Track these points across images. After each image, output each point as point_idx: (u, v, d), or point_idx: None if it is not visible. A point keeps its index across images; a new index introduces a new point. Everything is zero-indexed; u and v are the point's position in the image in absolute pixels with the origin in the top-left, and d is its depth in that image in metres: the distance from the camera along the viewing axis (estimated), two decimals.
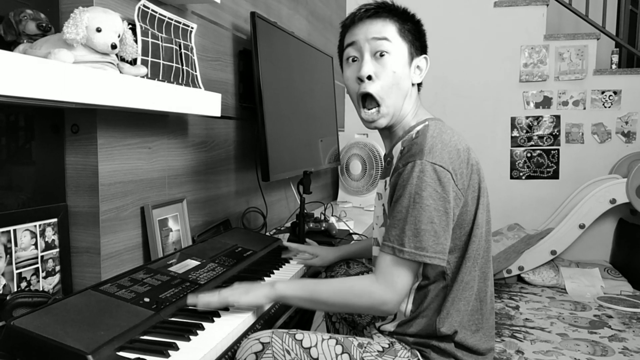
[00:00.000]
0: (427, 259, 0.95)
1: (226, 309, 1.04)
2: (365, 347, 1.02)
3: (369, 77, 1.06)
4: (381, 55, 1.06)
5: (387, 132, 1.16)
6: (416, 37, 1.11)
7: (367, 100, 1.09)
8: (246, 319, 1.03)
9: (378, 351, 1.02)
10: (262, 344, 0.97)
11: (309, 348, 0.99)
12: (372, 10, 1.08)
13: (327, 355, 0.99)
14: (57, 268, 1.16)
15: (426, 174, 0.96)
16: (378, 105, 1.08)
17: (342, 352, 1.00)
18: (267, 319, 1.10)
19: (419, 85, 1.17)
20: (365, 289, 1.00)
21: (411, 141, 1.03)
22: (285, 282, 1.09)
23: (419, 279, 1.05)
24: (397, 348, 1.04)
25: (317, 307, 1.14)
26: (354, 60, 1.10)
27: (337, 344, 1.01)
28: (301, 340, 0.99)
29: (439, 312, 1.04)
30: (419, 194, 0.96)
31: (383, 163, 1.20)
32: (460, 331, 1.04)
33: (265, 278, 1.29)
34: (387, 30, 1.06)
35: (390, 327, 1.10)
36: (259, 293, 1.05)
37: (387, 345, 1.04)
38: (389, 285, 0.98)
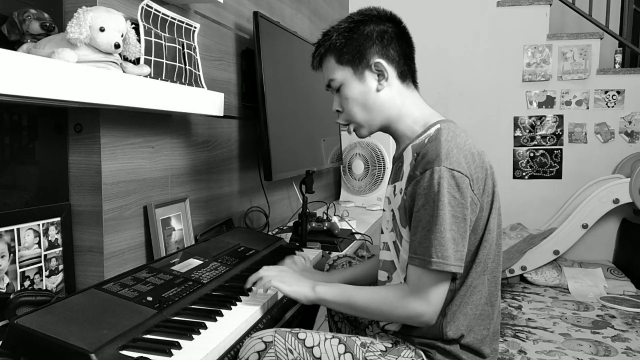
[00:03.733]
0: (452, 268, 0.94)
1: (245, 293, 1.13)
2: (368, 347, 1.02)
3: (338, 111, 1.17)
4: (338, 90, 1.14)
5: (393, 134, 1.15)
6: (355, 50, 1.09)
7: (343, 125, 1.20)
8: (249, 318, 1.03)
9: (381, 351, 1.02)
10: (265, 343, 0.97)
11: (312, 347, 0.99)
12: (316, 60, 1.16)
13: (329, 355, 0.99)
14: (60, 267, 1.16)
15: (445, 180, 0.95)
16: (347, 125, 1.17)
17: (345, 352, 1.00)
18: (270, 318, 1.11)
19: (413, 82, 1.14)
20: (399, 300, 1.00)
21: (424, 146, 1.02)
22: (325, 286, 1.10)
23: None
24: (400, 348, 1.04)
25: (356, 313, 1.14)
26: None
27: (339, 343, 1.01)
28: (304, 340, 0.99)
29: (444, 315, 1.03)
30: (441, 200, 0.94)
31: (391, 166, 1.19)
32: (467, 335, 1.03)
33: None
34: (330, 70, 1.13)
35: (394, 327, 1.10)
36: (300, 291, 1.10)
37: (390, 345, 1.04)
38: (423, 298, 0.97)
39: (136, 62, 1.15)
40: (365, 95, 1.10)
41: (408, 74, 1.12)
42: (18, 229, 1.05)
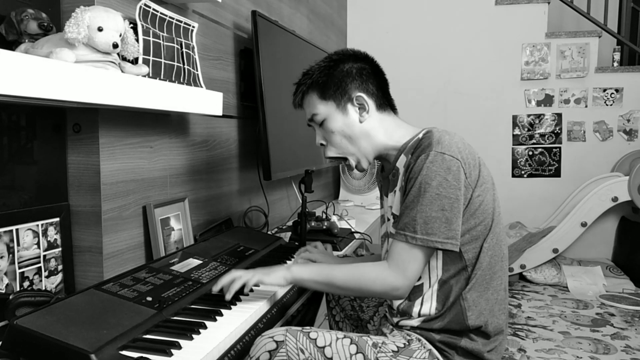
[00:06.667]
0: (438, 245, 1.00)
1: (241, 293, 1.11)
2: (379, 347, 1.01)
3: (322, 144, 1.20)
4: (321, 125, 1.17)
5: (384, 159, 1.19)
6: (337, 86, 1.13)
7: (336, 159, 1.22)
8: (249, 318, 1.02)
9: (393, 351, 1.02)
10: (276, 342, 0.96)
11: (323, 347, 0.98)
12: (298, 97, 1.20)
13: (341, 355, 0.98)
14: (60, 267, 1.16)
15: (435, 164, 1.00)
16: (345, 159, 1.19)
17: (357, 352, 0.99)
18: (270, 317, 1.10)
19: (392, 110, 1.19)
20: (378, 275, 1.05)
21: (418, 142, 1.06)
22: (301, 266, 1.14)
23: (440, 273, 1.06)
24: (413, 348, 1.04)
25: (332, 290, 1.19)
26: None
27: (351, 343, 1.00)
28: (315, 339, 0.99)
29: (465, 300, 1.05)
30: (429, 183, 1.00)
31: (383, 178, 1.20)
32: (490, 321, 1.06)
33: None
34: (312, 105, 1.17)
35: (414, 322, 1.09)
36: (278, 275, 1.12)
37: (402, 345, 1.04)
38: (400, 272, 1.03)
39: (134, 61, 1.15)
40: (349, 126, 1.15)
41: (387, 105, 1.18)
42: (17, 230, 1.05)
